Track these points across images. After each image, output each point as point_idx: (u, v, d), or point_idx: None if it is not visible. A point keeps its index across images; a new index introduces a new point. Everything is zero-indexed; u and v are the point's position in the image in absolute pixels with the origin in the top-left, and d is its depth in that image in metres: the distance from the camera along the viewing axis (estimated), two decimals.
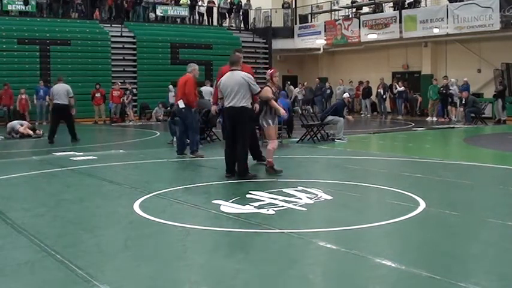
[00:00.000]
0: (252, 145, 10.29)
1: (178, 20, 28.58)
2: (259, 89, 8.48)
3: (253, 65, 26.26)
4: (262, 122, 8.90)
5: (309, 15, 30.90)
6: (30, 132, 16.26)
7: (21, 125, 16.35)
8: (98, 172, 9.37)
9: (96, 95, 22.54)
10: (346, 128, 14.56)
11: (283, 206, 6.35)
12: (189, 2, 28.22)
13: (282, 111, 8.89)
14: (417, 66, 26.49)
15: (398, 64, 27.32)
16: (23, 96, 21.71)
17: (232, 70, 8.43)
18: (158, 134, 17.49)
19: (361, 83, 27.34)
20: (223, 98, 8.43)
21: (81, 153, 11.75)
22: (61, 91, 14.70)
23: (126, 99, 23.48)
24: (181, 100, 10.98)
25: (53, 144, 14.08)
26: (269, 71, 9.62)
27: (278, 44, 29.76)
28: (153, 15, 27.71)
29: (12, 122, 17.02)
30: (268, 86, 9.02)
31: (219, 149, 11.59)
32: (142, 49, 25.73)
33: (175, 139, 13.61)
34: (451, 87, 22.02)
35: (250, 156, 9.33)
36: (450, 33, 23.26)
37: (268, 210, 6.13)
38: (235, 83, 8.20)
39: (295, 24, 30.61)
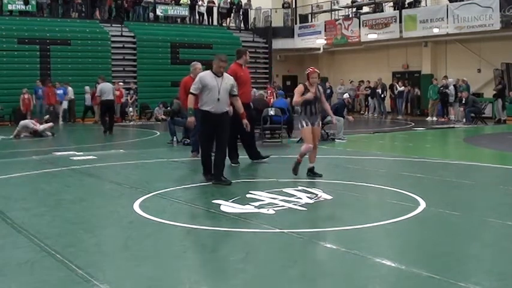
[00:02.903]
0: (247, 144, 10.28)
1: (179, 19, 28.57)
2: (190, 90, 7.97)
3: (253, 65, 26.30)
4: (298, 123, 8.44)
5: (309, 15, 30.89)
6: (45, 126, 16.39)
7: (34, 125, 16.24)
8: (98, 172, 9.37)
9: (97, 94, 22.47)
10: (346, 127, 14.55)
11: (283, 206, 6.35)
12: (189, 2, 28.20)
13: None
14: (417, 66, 26.49)
15: (398, 64, 27.33)
16: (26, 96, 21.70)
17: None
18: (158, 133, 17.49)
19: (361, 82, 27.35)
20: None
21: (81, 153, 11.75)
22: (109, 89, 17.08)
23: (130, 99, 23.49)
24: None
25: (53, 144, 14.11)
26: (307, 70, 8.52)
27: (278, 43, 29.75)
28: (153, 15, 27.70)
29: (25, 121, 16.85)
30: (303, 84, 8.31)
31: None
32: (143, 49, 25.72)
33: (175, 139, 13.63)
34: (449, 87, 22.03)
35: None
36: (450, 33, 23.26)
37: (268, 210, 6.13)
38: None
39: (295, 24, 30.60)
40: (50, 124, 17.01)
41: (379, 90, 25.04)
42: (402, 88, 24.83)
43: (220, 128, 7.86)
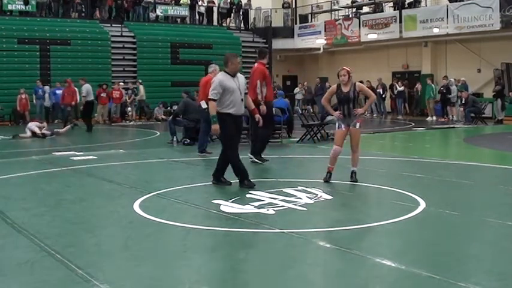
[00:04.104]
0: (253, 140, 10.35)
1: (178, 20, 28.58)
2: (209, 96, 7.66)
3: (253, 65, 26.29)
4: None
5: (309, 15, 30.91)
6: (64, 130, 17.16)
7: (39, 128, 16.25)
8: (98, 172, 9.37)
9: (102, 94, 22.47)
10: None
11: (283, 206, 6.35)
12: (189, 2, 28.21)
13: (336, 114, 8.01)
14: (417, 66, 26.49)
15: (398, 64, 27.33)
16: (23, 96, 21.70)
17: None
18: (158, 133, 17.50)
19: (361, 82, 27.32)
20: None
21: (81, 153, 11.76)
22: (91, 90, 18.32)
23: (129, 99, 23.50)
24: (204, 101, 11.10)
25: (53, 144, 14.14)
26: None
27: (278, 43, 29.76)
28: (153, 15, 27.71)
29: (31, 125, 16.85)
30: (337, 84, 8.05)
31: (219, 149, 11.59)
32: (143, 49, 25.73)
33: (175, 139, 13.63)
34: (450, 87, 22.05)
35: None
36: (450, 33, 23.28)
37: (268, 210, 6.13)
38: None
39: (295, 24, 30.62)
40: (68, 127, 17.61)
41: (380, 90, 25.02)
42: (402, 88, 24.83)
43: (239, 129, 7.71)
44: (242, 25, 30.09)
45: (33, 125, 16.26)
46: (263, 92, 10.01)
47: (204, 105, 11.17)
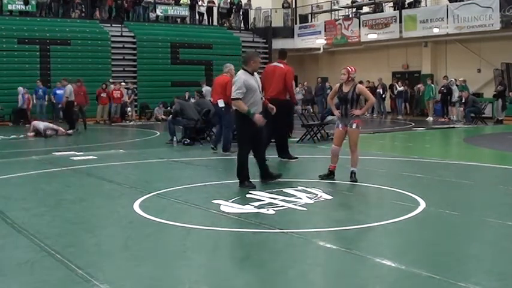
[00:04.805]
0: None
1: (178, 20, 28.58)
2: (233, 95, 7.58)
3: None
4: None
5: (309, 15, 30.92)
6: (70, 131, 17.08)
7: (47, 128, 16.38)
8: (98, 172, 9.36)
9: (102, 94, 22.43)
10: None
11: (283, 206, 6.35)
12: (189, 2, 28.21)
13: (336, 113, 8.15)
14: (417, 66, 26.49)
15: (398, 64, 27.33)
16: (26, 96, 21.69)
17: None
18: (158, 133, 17.49)
19: (360, 82, 27.32)
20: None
21: (81, 153, 11.76)
22: (73, 91, 17.99)
23: (128, 99, 23.48)
24: (221, 100, 11.15)
25: (53, 144, 14.14)
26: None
27: (278, 43, 29.67)
28: (153, 15, 27.71)
29: (38, 122, 16.88)
30: (340, 84, 8.22)
31: (219, 149, 11.60)
32: (143, 49, 25.72)
33: (175, 139, 13.64)
34: (451, 87, 22.04)
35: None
36: (450, 33, 23.28)
37: (268, 210, 6.13)
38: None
39: (295, 24, 30.62)
40: (72, 131, 17.43)
41: (380, 90, 25.02)
42: (402, 88, 24.83)
43: (260, 127, 7.65)
44: (242, 25, 30.10)
45: (46, 124, 16.43)
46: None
47: (221, 104, 11.22)
